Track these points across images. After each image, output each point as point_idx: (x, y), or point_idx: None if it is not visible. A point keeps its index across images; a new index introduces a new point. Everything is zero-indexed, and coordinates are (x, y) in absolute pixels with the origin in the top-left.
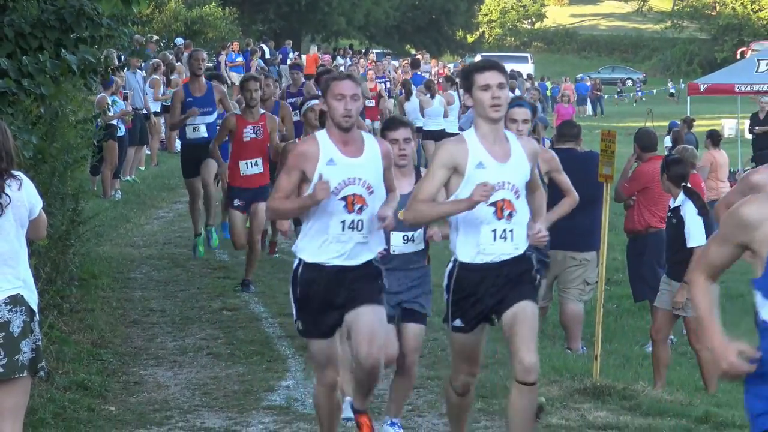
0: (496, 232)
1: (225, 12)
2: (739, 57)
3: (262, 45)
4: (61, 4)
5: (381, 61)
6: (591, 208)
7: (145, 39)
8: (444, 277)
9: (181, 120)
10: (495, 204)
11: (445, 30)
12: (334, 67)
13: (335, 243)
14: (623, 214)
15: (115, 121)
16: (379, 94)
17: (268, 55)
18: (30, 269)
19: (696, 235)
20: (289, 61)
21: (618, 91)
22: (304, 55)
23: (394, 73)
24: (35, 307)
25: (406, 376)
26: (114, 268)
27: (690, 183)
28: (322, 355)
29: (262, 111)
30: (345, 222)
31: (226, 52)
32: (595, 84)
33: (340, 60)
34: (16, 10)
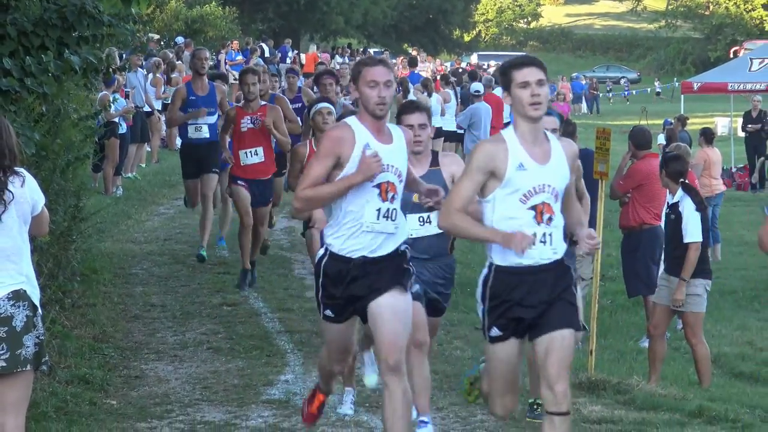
0: (536, 236)
1: (225, 11)
2: (732, 56)
3: (261, 44)
4: (63, 2)
5: None
6: None
7: (146, 38)
8: (478, 286)
9: (184, 118)
10: (535, 208)
11: (442, 29)
12: (332, 66)
13: (368, 233)
14: (618, 211)
15: (116, 119)
16: None
17: (267, 54)
18: (32, 265)
19: (693, 231)
20: (289, 60)
21: (608, 89)
22: (303, 54)
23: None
24: (37, 302)
25: (421, 360)
26: (115, 263)
27: None
28: (340, 342)
29: (262, 103)
30: (380, 210)
31: (225, 51)
32: (592, 83)
33: (338, 59)
34: (19, 8)
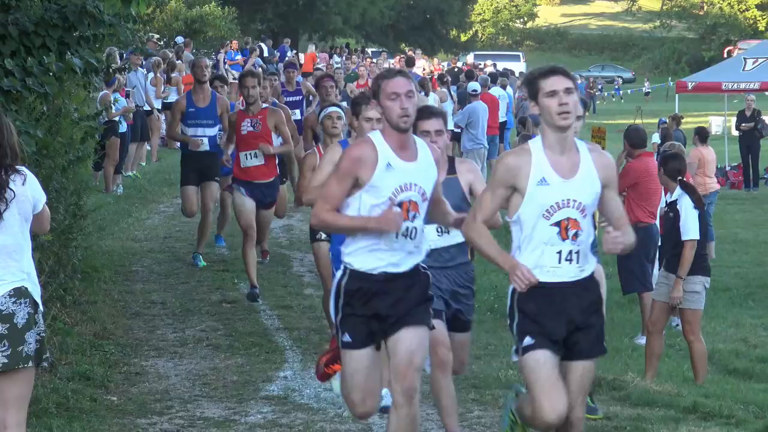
0: (561, 253)
1: (224, 11)
2: (726, 56)
3: (260, 44)
4: (64, 2)
5: (375, 59)
6: None
7: (146, 38)
8: (507, 301)
9: (181, 138)
10: (559, 224)
11: (439, 29)
12: (329, 65)
13: (386, 252)
14: None
15: (117, 118)
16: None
17: (266, 54)
18: (34, 262)
19: (691, 228)
20: (286, 59)
21: (598, 89)
22: (302, 54)
23: None
24: (39, 299)
25: (447, 379)
26: (116, 261)
27: None
28: (360, 381)
29: (264, 106)
30: (399, 230)
31: (225, 51)
32: (590, 83)
33: (336, 58)
34: (20, 8)
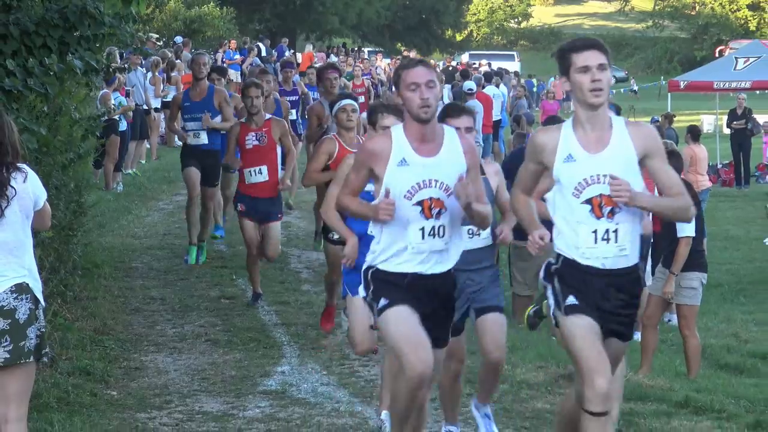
0: (597, 233)
1: (223, 11)
2: (717, 55)
3: (258, 43)
4: (64, 3)
5: (369, 59)
6: None
7: (146, 37)
8: (541, 271)
9: (176, 132)
10: (591, 201)
11: (434, 29)
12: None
13: (415, 253)
14: None
15: (117, 117)
16: (367, 89)
17: (264, 53)
18: (35, 259)
19: (686, 225)
20: (283, 58)
21: None
22: (299, 53)
23: (381, 71)
24: (40, 295)
25: (492, 373)
26: (116, 257)
27: None
28: (404, 331)
29: (267, 116)
30: (424, 229)
31: (223, 50)
32: None
33: (334, 58)
34: (21, 9)
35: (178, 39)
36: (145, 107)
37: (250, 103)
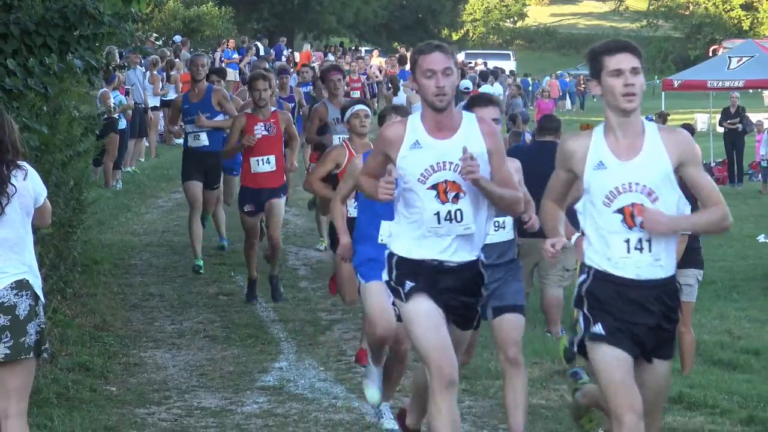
0: (629, 242)
1: (221, 11)
2: (711, 54)
3: (256, 42)
4: (64, 3)
5: (363, 58)
6: None
7: (144, 37)
8: (574, 293)
9: (174, 132)
10: (622, 210)
11: (431, 28)
12: (322, 64)
13: (433, 237)
14: None
15: (116, 115)
16: (363, 85)
17: (262, 52)
18: (35, 255)
19: None
20: (284, 58)
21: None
22: (297, 53)
23: (375, 70)
24: (40, 291)
25: (518, 374)
26: (115, 254)
27: None
28: (431, 333)
29: (273, 108)
30: (440, 213)
31: (222, 50)
32: (580, 80)
33: (331, 57)
34: (22, 8)
35: (177, 38)
36: (143, 106)
37: (258, 95)
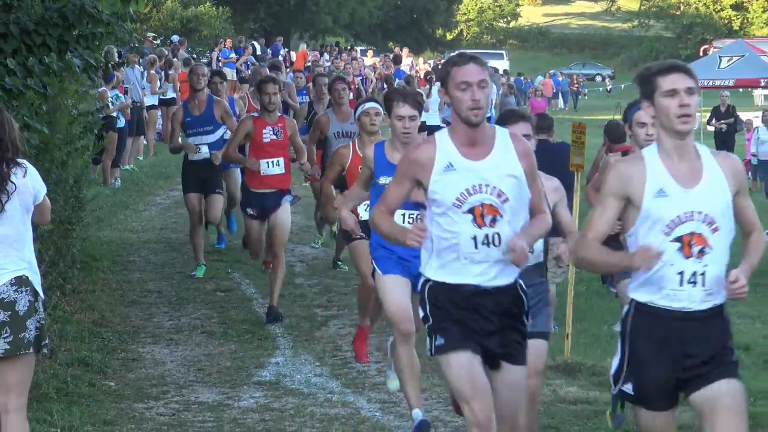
0: (683, 274)
1: (219, 11)
2: (702, 54)
3: (253, 42)
4: (63, 2)
5: (358, 59)
6: None
7: (142, 36)
8: (618, 327)
9: (179, 148)
10: (681, 239)
11: (425, 28)
12: (316, 62)
13: (470, 263)
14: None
15: (115, 114)
16: (357, 87)
17: (259, 52)
18: (34, 252)
19: None
20: (281, 57)
21: (580, 85)
22: (293, 52)
23: (369, 70)
24: (39, 287)
25: (532, 405)
26: (114, 251)
27: None
28: (465, 377)
29: (279, 114)
30: (477, 238)
31: (219, 49)
32: (573, 80)
33: (327, 56)
34: (21, 8)
35: (175, 38)
36: (140, 104)
37: (268, 99)
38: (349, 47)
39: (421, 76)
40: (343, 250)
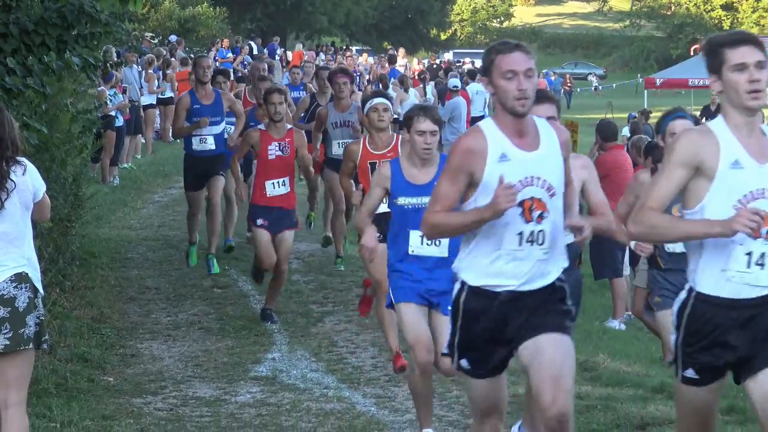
0: (751, 255)
1: (216, 11)
2: (692, 53)
3: (250, 42)
4: (62, 2)
5: (353, 56)
6: None
7: (140, 36)
8: (673, 311)
9: (188, 130)
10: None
11: (420, 28)
12: (317, 63)
13: (510, 261)
14: None
15: (113, 113)
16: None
17: (255, 52)
18: (34, 249)
19: None
20: (277, 57)
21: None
22: (289, 52)
23: (365, 70)
24: (39, 284)
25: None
26: (112, 248)
27: None
28: (486, 400)
29: (288, 126)
30: (523, 234)
31: (216, 49)
32: (566, 79)
33: (323, 56)
34: (21, 8)
35: (173, 38)
36: (143, 102)
37: (274, 110)
38: (344, 47)
39: (415, 77)
40: (342, 246)
